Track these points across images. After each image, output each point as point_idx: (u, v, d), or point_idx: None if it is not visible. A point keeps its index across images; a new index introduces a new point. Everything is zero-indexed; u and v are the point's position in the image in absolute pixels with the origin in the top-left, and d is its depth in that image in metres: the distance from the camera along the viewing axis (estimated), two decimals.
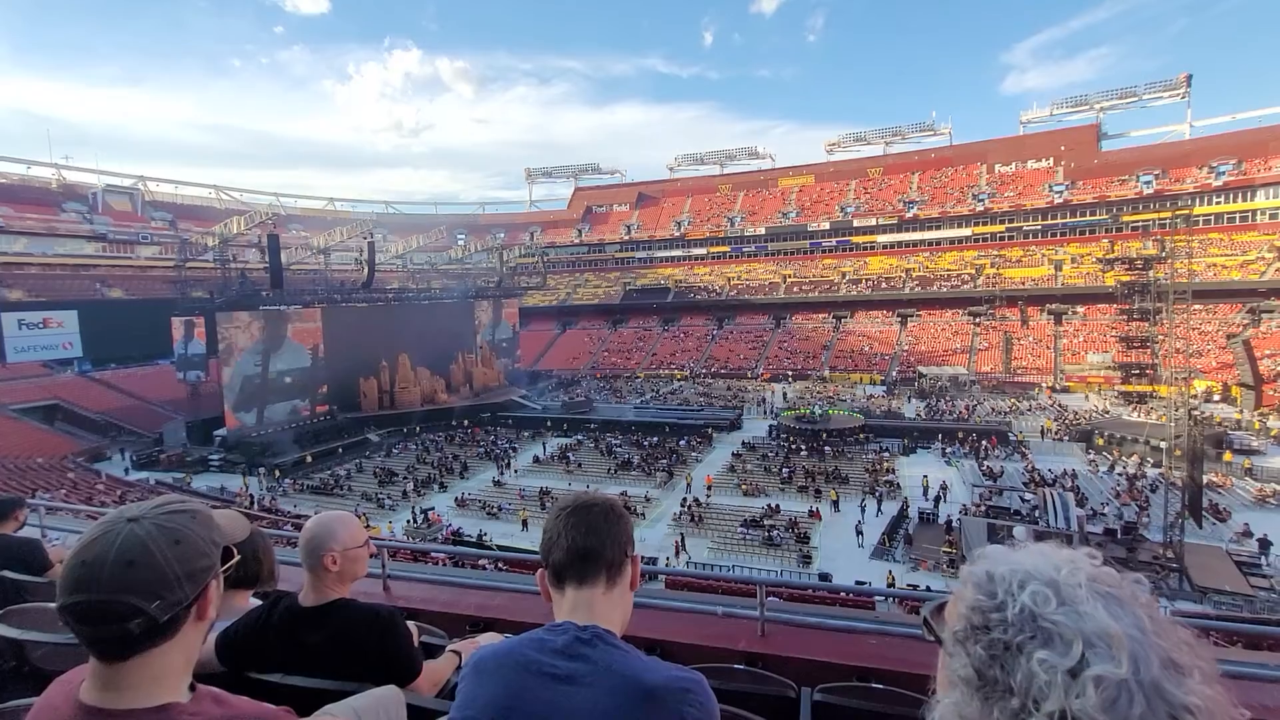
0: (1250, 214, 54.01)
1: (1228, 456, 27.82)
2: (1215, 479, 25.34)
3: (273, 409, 37.83)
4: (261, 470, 32.16)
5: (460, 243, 69.55)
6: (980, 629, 0.65)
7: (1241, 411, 35.44)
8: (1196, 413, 25.60)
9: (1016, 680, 0.62)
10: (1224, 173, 55.32)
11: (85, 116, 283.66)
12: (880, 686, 2.33)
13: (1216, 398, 37.97)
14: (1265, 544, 19.37)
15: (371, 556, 1.99)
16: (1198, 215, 52.98)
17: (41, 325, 44.45)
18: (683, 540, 22.73)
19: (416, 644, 1.94)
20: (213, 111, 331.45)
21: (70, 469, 28.47)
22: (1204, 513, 21.16)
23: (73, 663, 1.01)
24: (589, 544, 1.15)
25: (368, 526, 23.67)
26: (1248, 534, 20.36)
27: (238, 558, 1.06)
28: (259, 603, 1.92)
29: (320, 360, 41.34)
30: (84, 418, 38.08)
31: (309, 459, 34.30)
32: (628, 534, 1.21)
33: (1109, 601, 0.63)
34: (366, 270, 44.45)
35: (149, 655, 0.91)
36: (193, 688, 0.97)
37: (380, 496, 28.80)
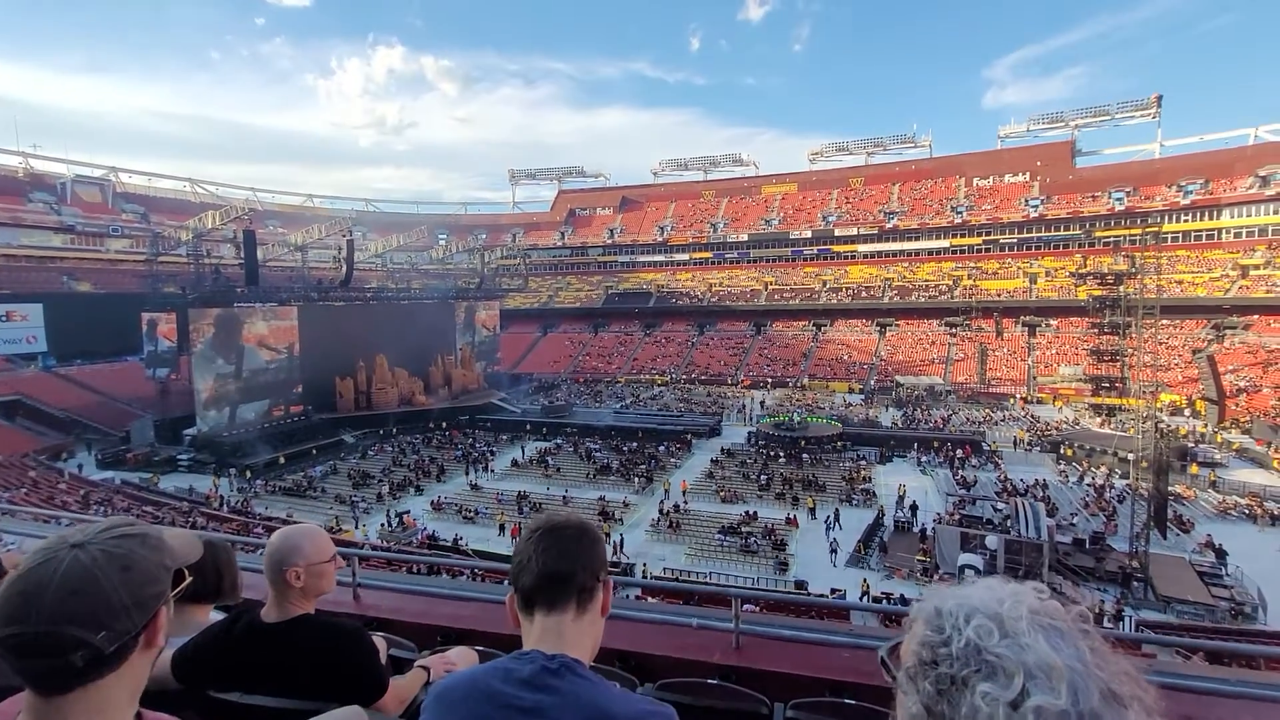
0: (1216, 232, 55.77)
1: (1194, 469, 28.57)
2: (1180, 490, 26.01)
3: (245, 408, 37.04)
4: (232, 471, 31.47)
5: (441, 243, 69.03)
6: (929, 664, 0.66)
7: (1206, 425, 36.46)
8: (1163, 425, 26.28)
9: (961, 714, 0.62)
10: (1191, 192, 57.09)
11: (54, 103, 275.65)
12: (853, 702, 2.34)
13: (1187, 413, 39.00)
14: (1221, 553, 19.92)
15: (340, 568, 1.94)
16: (1166, 233, 54.48)
17: (4, 318, 43.10)
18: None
19: (384, 659, 1.90)
20: (189, 103, 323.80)
21: (31, 467, 27.61)
22: (1168, 524, 21.70)
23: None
24: (560, 567, 1.12)
25: (340, 531, 23.29)
26: (1210, 545, 20.90)
27: (189, 580, 1.01)
28: (220, 616, 1.87)
29: (295, 359, 40.61)
30: (47, 414, 36.96)
31: (282, 460, 33.61)
32: (600, 558, 1.19)
33: (1050, 634, 0.64)
34: (345, 268, 43.78)
35: (92, 688, 0.85)
36: (139, 717, 0.93)
37: (354, 499, 28.30)
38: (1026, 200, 64.41)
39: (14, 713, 0.88)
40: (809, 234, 72.11)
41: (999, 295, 57.06)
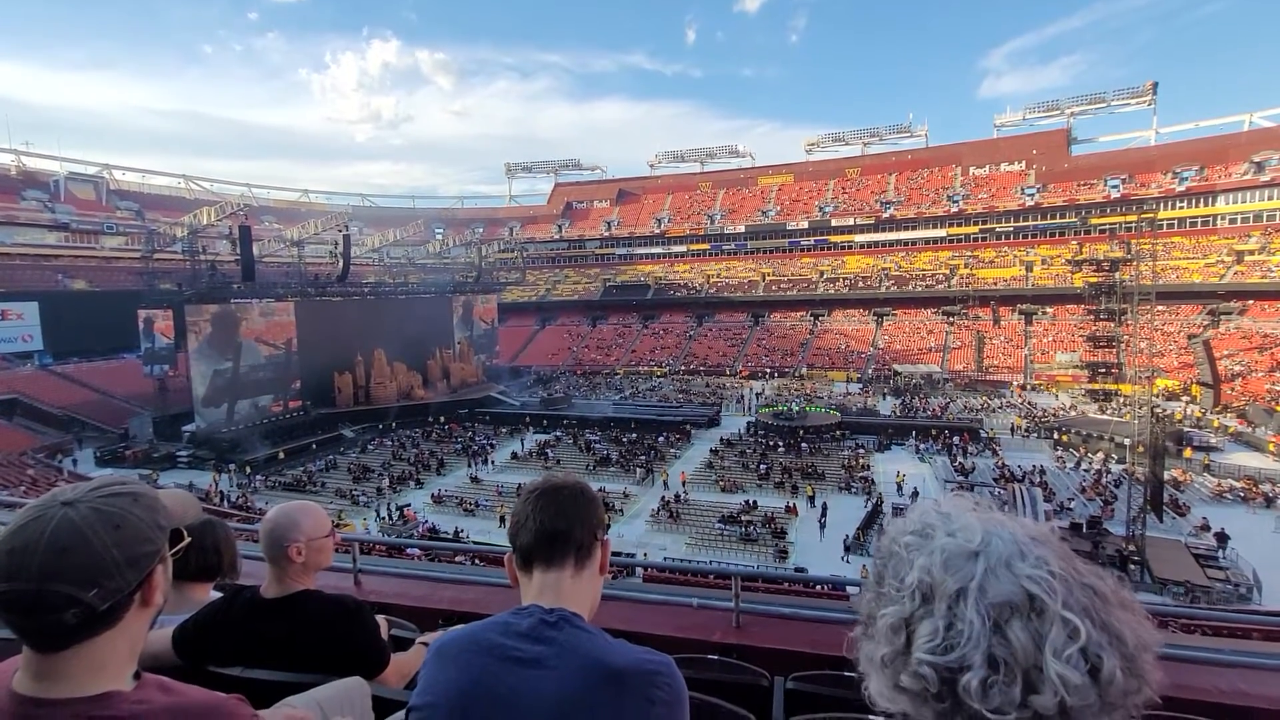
0: (1211, 219, 55.80)
1: (1188, 453, 28.70)
2: (1176, 474, 26.14)
3: (243, 404, 37.02)
4: (232, 467, 31.48)
5: (438, 237, 68.77)
6: (886, 545, 0.76)
7: (1202, 410, 36.60)
8: (1159, 410, 26.39)
9: (889, 568, 0.70)
10: (1187, 178, 57.05)
11: (47, 101, 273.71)
12: (853, 674, 2.35)
13: (1184, 400, 39.10)
14: (1223, 537, 20.03)
15: (337, 551, 1.95)
16: (1162, 219, 54.50)
17: (0, 317, 42.95)
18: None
19: (385, 637, 1.91)
20: (183, 99, 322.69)
21: (30, 465, 27.55)
22: (1164, 507, 21.83)
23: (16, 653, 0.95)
24: (557, 525, 1.13)
25: (342, 524, 23.34)
26: (1205, 528, 21.04)
27: (187, 540, 1.01)
28: (220, 595, 1.87)
29: (293, 355, 40.56)
30: (44, 413, 36.89)
31: (281, 455, 33.64)
32: (598, 516, 1.19)
33: (986, 518, 0.69)
34: (341, 263, 43.69)
35: (88, 644, 0.86)
36: (138, 676, 0.93)
37: (355, 493, 28.37)
38: (1022, 189, 64.31)
39: (12, 669, 0.88)
40: (806, 225, 71.97)
41: (996, 284, 57.12)
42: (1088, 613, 0.61)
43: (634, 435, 36.06)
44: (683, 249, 76.70)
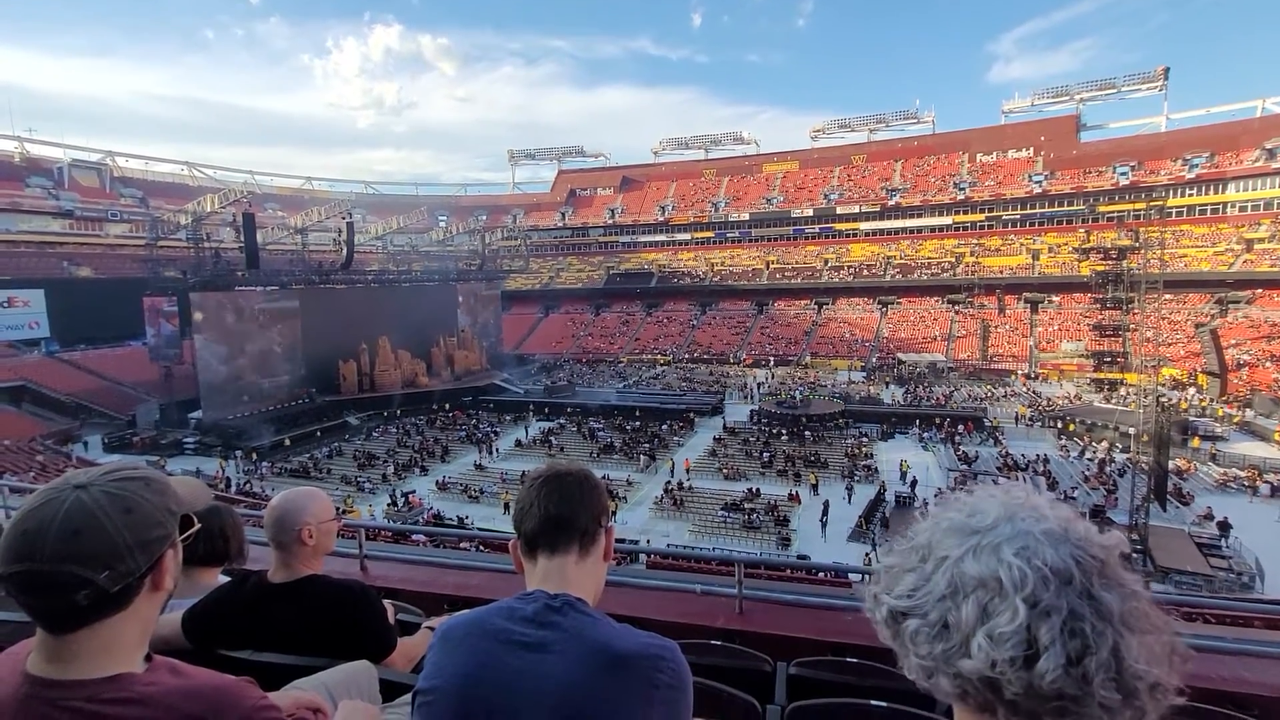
0: (1221, 206, 55.13)
1: (1195, 442, 28.60)
2: (1181, 464, 26.07)
3: (249, 391, 37.21)
4: (238, 453, 31.71)
5: (441, 224, 68.57)
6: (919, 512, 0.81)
7: (1207, 399, 36.43)
8: (1164, 400, 26.30)
9: (911, 529, 0.77)
10: (1197, 165, 56.30)
11: (49, 88, 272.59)
12: (854, 660, 2.37)
13: (1191, 390, 38.91)
14: (1225, 526, 20.03)
15: (342, 537, 1.97)
16: (1170, 207, 53.97)
17: (6, 305, 43.15)
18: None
19: (392, 621, 1.93)
20: (185, 85, 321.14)
21: (39, 451, 27.79)
22: (1168, 497, 21.80)
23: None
24: (562, 512, 1.14)
25: (349, 510, 23.54)
26: (1209, 517, 21.02)
27: (197, 526, 1.02)
28: (227, 580, 1.90)
29: (297, 342, 40.69)
30: (52, 399, 37.16)
31: (287, 442, 33.85)
32: (601, 504, 1.20)
33: (1019, 509, 0.71)
34: (345, 251, 43.63)
35: (99, 626, 0.87)
36: (149, 659, 0.94)
37: (360, 480, 28.56)
38: (1030, 176, 63.65)
39: (25, 651, 0.89)
40: (811, 212, 71.48)
41: (1002, 272, 56.72)
42: (1061, 612, 0.62)
43: (637, 423, 36.15)
44: (687, 237, 76.36)
